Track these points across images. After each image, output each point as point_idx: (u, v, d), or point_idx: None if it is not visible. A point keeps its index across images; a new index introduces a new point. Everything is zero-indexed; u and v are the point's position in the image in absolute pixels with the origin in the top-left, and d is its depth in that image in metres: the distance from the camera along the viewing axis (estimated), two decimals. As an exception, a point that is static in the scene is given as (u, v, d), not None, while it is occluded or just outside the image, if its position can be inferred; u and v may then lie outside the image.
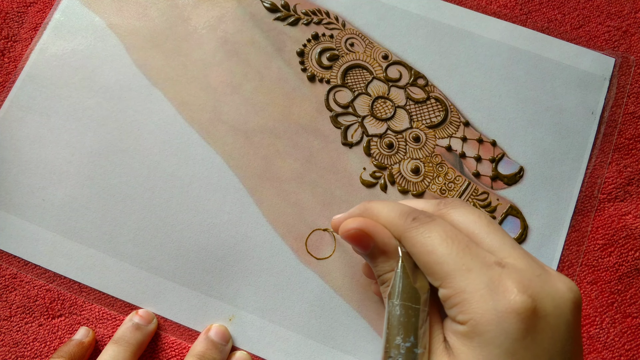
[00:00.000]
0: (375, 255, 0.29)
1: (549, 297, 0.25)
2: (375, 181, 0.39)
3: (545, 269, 0.27)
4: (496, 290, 0.25)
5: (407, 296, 0.27)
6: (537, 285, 0.25)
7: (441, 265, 0.26)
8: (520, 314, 0.24)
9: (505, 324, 0.24)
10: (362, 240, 0.29)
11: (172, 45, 0.41)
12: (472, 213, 0.29)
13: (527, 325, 0.24)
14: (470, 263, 0.26)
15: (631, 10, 0.42)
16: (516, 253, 0.27)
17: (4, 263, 0.38)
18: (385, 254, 0.29)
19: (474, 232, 0.28)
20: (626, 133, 0.40)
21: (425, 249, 0.27)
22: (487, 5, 0.42)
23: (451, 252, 0.26)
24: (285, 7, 0.42)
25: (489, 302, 0.25)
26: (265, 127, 0.40)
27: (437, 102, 0.40)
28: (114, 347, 0.35)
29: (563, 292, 0.26)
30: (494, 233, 0.28)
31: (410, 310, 0.27)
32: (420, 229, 0.28)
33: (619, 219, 0.39)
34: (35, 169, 0.39)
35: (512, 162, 0.39)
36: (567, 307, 0.25)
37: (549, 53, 0.41)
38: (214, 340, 0.36)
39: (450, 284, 0.26)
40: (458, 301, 0.26)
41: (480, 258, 0.26)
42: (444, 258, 0.26)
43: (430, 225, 0.28)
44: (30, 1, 0.43)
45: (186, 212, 0.39)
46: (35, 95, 0.41)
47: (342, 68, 0.41)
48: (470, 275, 0.26)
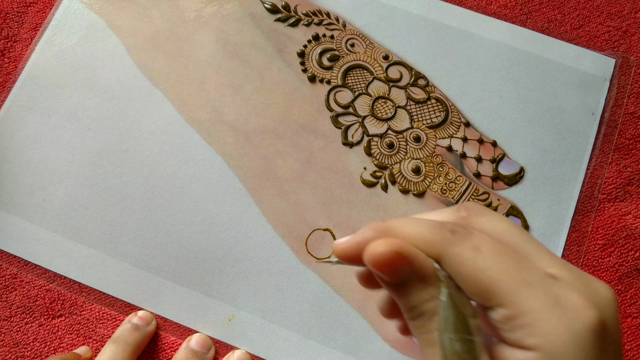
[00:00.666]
0: (410, 284, 0.24)
1: (607, 307, 0.23)
2: (375, 181, 0.39)
3: (586, 276, 0.25)
4: (565, 307, 0.22)
5: (462, 327, 0.23)
6: (593, 296, 0.23)
7: (498, 282, 0.23)
8: (593, 330, 0.22)
9: (583, 344, 0.22)
10: (397, 267, 0.24)
11: (173, 46, 0.42)
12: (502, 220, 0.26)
13: (601, 341, 0.22)
14: (529, 277, 0.23)
15: (631, 10, 0.42)
16: (555, 262, 0.24)
17: (4, 263, 0.38)
18: (424, 280, 0.24)
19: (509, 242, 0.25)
20: (626, 133, 0.40)
21: (476, 267, 0.23)
22: (487, 5, 0.42)
23: (507, 267, 0.23)
24: (285, 8, 0.42)
25: (561, 321, 0.22)
26: (266, 128, 0.40)
27: (437, 103, 0.40)
28: (112, 347, 0.35)
29: (609, 298, 0.24)
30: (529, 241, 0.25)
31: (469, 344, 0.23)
32: (465, 244, 0.24)
33: (619, 219, 0.39)
34: (35, 169, 0.39)
35: (512, 163, 0.39)
36: (617, 314, 0.24)
37: (549, 54, 0.41)
38: (194, 348, 0.36)
39: (511, 304, 0.23)
40: (524, 322, 0.23)
41: (536, 271, 0.23)
42: (502, 275, 0.23)
43: (474, 239, 0.24)
44: (30, 1, 0.43)
45: (186, 212, 0.39)
46: (36, 96, 0.41)
47: (342, 68, 0.41)
48: (532, 292, 0.23)
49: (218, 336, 0.37)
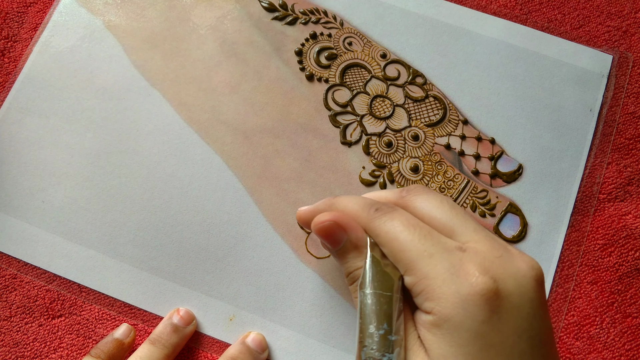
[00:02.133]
0: (346, 251, 0.29)
1: (511, 277, 0.25)
2: (374, 180, 0.39)
3: (508, 249, 0.27)
4: (458, 274, 0.25)
5: (378, 284, 0.27)
6: (498, 266, 0.26)
7: (404, 252, 0.27)
8: (483, 295, 0.24)
9: (470, 307, 0.24)
10: (335, 234, 0.29)
11: (170, 46, 0.42)
12: (435, 199, 0.29)
13: (491, 306, 0.24)
14: (431, 249, 0.26)
15: (631, 10, 0.42)
16: (478, 236, 0.27)
17: (4, 264, 0.38)
18: (358, 249, 0.29)
19: (436, 217, 0.28)
20: (626, 133, 0.40)
21: (388, 237, 0.27)
22: (487, 5, 0.42)
23: (413, 239, 0.27)
24: (283, 6, 0.42)
25: (451, 286, 0.25)
26: (264, 127, 0.40)
27: (435, 101, 0.40)
28: (149, 347, 0.35)
29: (525, 271, 0.26)
30: (456, 217, 0.28)
31: (382, 298, 0.26)
32: (382, 219, 0.28)
33: (619, 219, 0.39)
34: (34, 170, 0.40)
35: (511, 160, 0.39)
36: (530, 285, 0.26)
37: (547, 51, 0.41)
38: (249, 346, 0.36)
39: (413, 271, 0.26)
40: (422, 288, 0.26)
41: (442, 244, 0.27)
42: (407, 245, 0.27)
43: (393, 214, 0.28)
44: (30, 1, 0.43)
45: (186, 212, 0.39)
46: (34, 97, 0.41)
47: (340, 67, 0.41)
48: (432, 261, 0.26)
49: (219, 336, 0.37)
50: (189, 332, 0.36)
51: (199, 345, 0.37)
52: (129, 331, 0.37)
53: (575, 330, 0.37)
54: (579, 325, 0.37)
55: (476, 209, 0.38)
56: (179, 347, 0.36)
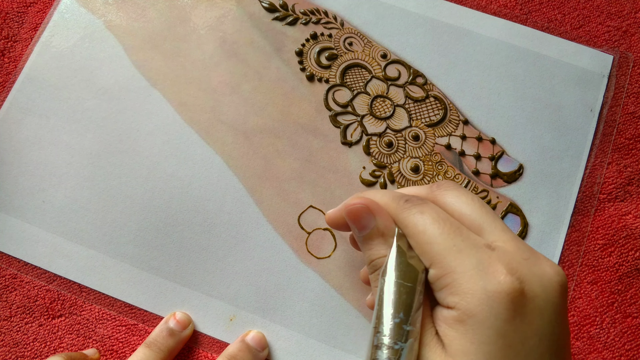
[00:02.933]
0: (372, 237, 0.29)
1: (537, 279, 0.25)
2: (375, 180, 0.39)
3: (534, 253, 0.27)
4: (486, 272, 0.25)
5: (400, 274, 0.27)
6: (525, 268, 0.25)
7: (432, 245, 0.26)
8: (509, 294, 0.24)
9: (495, 305, 0.24)
10: (364, 218, 0.29)
11: (170, 46, 0.42)
12: (465, 195, 0.29)
13: (516, 307, 0.24)
14: (460, 244, 0.26)
15: (631, 10, 0.42)
16: (506, 236, 0.27)
17: (4, 264, 0.38)
18: (384, 237, 0.28)
19: (466, 214, 0.28)
20: (626, 133, 0.40)
21: (417, 229, 0.27)
22: (487, 5, 0.42)
23: (442, 232, 0.26)
24: (283, 6, 0.42)
25: (478, 282, 0.25)
26: (265, 127, 0.40)
27: (436, 101, 0.40)
28: (144, 351, 0.35)
29: (550, 276, 0.26)
30: (486, 215, 0.28)
31: (402, 288, 0.26)
32: (412, 210, 0.28)
33: (619, 219, 0.39)
34: (35, 170, 0.40)
35: (511, 160, 0.39)
36: (555, 290, 0.26)
37: (547, 51, 0.41)
38: (249, 344, 0.36)
39: (440, 264, 0.26)
40: (448, 282, 0.26)
41: (471, 240, 0.26)
42: (435, 238, 0.26)
43: (423, 207, 0.28)
44: (30, 1, 0.43)
45: (186, 212, 0.39)
46: (35, 97, 0.41)
47: (340, 67, 0.41)
48: (460, 256, 0.26)
49: (219, 336, 0.37)
50: (185, 335, 0.37)
51: (199, 345, 0.37)
52: (95, 352, 0.37)
53: (575, 330, 0.37)
54: (579, 325, 0.37)
55: (476, 209, 0.38)
56: (175, 350, 0.36)
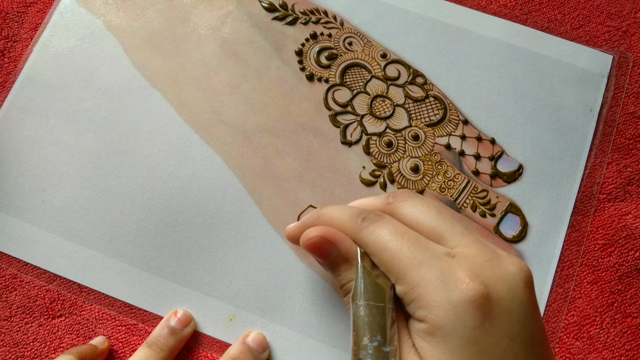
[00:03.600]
0: (337, 264, 0.29)
1: (501, 280, 0.25)
2: (374, 180, 0.39)
3: (496, 252, 0.27)
4: (448, 281, 0.25)
5: (370, 295, 0.27)
6: (487, 271, 0.25)
7: (394, 261, 0.26)
8: (474, 301, 0.24)
9: (462, 313, 0.24)
10: (325, 249, 0.29)
11: (170, 46, 0.42)
12: (421, 204, 0.29)
13: (482, 312, 0.24)
14: (420, 256, 0.26)
15: (631, 10, 0.42)
16: (466, 240, 0.27)
17: (4, 264, 0.38)
18: (348, 262, 0.28)
19: (424, 223, 0.28)
20: (626, 133, 0.40)
21: (377, 247, 0.27)
22: (487, 5, 0.42)
23: (402, 247, 0.26)
24: (283, 6, 0.42)
25: (442, 293, 0.25)
26: (265, 127, 0.40)
27: (436, 101, 0.40)
28: (146, 350, 0.35)
29: (514, 274, 0.26)
30: (443, 222, 0.28)
31: (374, 309, 0.26)
32: (370, 228, 0.28)
33: (619, 219, 0.39)
34: (34, 170, 0.40)
35: (511, 160, 0.39)
36: (519, 288, 0.26)
37: (547, 51, 0.41)
38: (250, 346, 0.36)
39: (404, 279, 0.26)
40: (414, 296, 0.26)
41: (430, 250, 0.26)
42: (396, 254, 0.26)
43: (380, 223, 0.28)
44: (30, 1, 0.43)
45: (186, 212, 0.39)
46: (34, 97, 0.41)
47: (340, 67, 0.41)
48: (421, 269, 0.26)
49: (219, 336, 0.37)
50: (186, 334, 0.36)
51: (199, 345, 0.37)
52: (103, 340, 0.37)
53: (575, 330, 0.37)
54: (579, 325, 0.37)
55: (476, 209, 0.38)
56: (177, 349, 0.36)
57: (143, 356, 0.35)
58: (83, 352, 0.35)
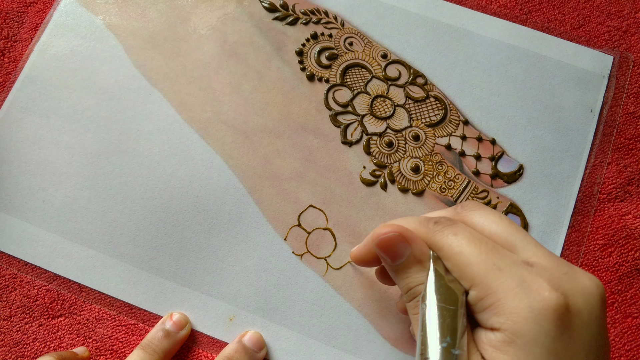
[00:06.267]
0: (408, 266, 0.27)
1: (579, 293, 0.25)
2: (375, 180, 0.39)
3: (571, 267, 0.26)
4: (529, 289, 0.24)
5: (441, 297, 0.26)
6: (566, 283, 0.25)
7: (471, 266, 0.26)
8: (555, 310, 0.24)
9: (543, 322, 0.24)
10: (398, 247, 0.27)
11: (171, 46, 0.42)
12: (492, 214, 0.28)
13: (563, 322, 0.24)
14: (500, 263, 0.25)
15: (631, 10, 0.42)
16: (540, 252, 0.27)
17: (4, 264, 0.38)
18: (421, 263, 0.27)
19: (497, 233, 0.27)
20: (626, 133, 0.40)
21: (453, 251, 0.26)
22: (487, 5, 0.42)
23: (480, 252, 0.26)
24: (283, 6, 0.42)
25: (523, 300, 0.24)
26: (265, 127, 0.40)
27: (436, 101, 0.40)
28: (139, 353, 0.35)
29: (591, 289, 0.25)
30: (517, 233, 0.27)
31: (445, 311, 0.25)
32: (445, 232, 0.27)
33: (619, 219, 0.39)
34: (35, 170, 0.39)
35: (511, 160, 0.39)
36: (596, 303, 0.25)
37: (547, 51, 0.41)
38: (245, 345, 0.36)
39: (481, 285, 0.25)
40: (491, 302, 0.25)
41: (509, 258, 0.26)
42: (474, 259, 0.26)
43: (455, 228, 0.27)
44: (30, 1, 0.43)
45: (186, 212, 0.39)
46: (35, 97, 0.41)
47: (341, 67, 0.41)
48: (501, 275, 0.25)
49: (219, 336, 0.37)
50: (181, 336, 0.36)
51: (199, 345, 0.37)
52: (84, 350, 0.37)
53: (576, 331, 0.37)
54: (579, 326, 0.37)
55: (476, 209, 0.38)
56: (171, 352, 0.36)
57: (137, 359, 0.35)
58: (63, 356, 0.35)
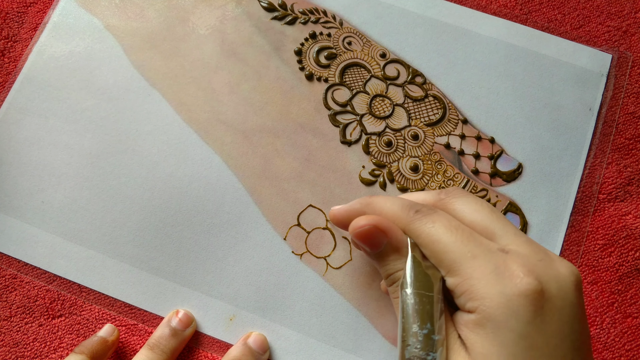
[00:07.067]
0: (386, 254, 0.29)
1: (553, 279, 0.26)
2: (374, 179, 0.39)
3: (547, 254, 0.27)
4: (502, 275, 0.25)
5: (420, 284, 0.27)
6: (541, 269, 0.26)
7: (447, 253, 0.27)
8: (528, 296, 0.25)
9: (515, 307, 0.24)
10: (375, 238, 0.29)
11: (170, 46, 0.42)
12: (474, 202, 0.29)
13: (535, 307, 0.25)
14: (475, 250, 0.26)
15: (631, 10, 0.42)
16: (518, 240, 0.27)
17: (4, 264, 0.38)
18: (398, 252, 0.28)
19: (477, 220, 0.28)
20: (626, 133, 0.40)
21: (430, 239, 0.27)
22: (487, 5, 0.42)
23: (456, 240, 0.27)
24: (282, 6, 0.42)
25: (496, 286, 0.25)
26: (264, 127, 0.40)
27: (435, 100, 0.40)
28: (147, 352, 0.35)
29: (565, 275, 0.26)
30: (497, 221, 0.28)
31: (424, 298, 0.27)
32: (423, 220, 0.28)
33: (619, 219, 0.39)
34: (34, 171, 0.40)
35: (510, 159, 0.39)
36: (570, 289, 0.26)
37: (546, 50, 0.41)
38: (251, 347, 0.36)
39: (457, 272, 0.26)
40: (466, 288, 0.26)
41: (484, 245, 0.27)
42: (450, 246, 0.27)
43: (434, 216, 0.28)
44: (30, 1, 0.43)
45: (186, 212, 0.39)
46: (34, 97, 0.41)
47: (340, 66, 0.41)
48: (476, 262, 0.26)
49: (219, 336, 0.37)
50: (187, 334, 0.36)
51: (200, 345, 0.37)
52: (112, 330, 0.37)
53: (575, 330, 0.37)
54: (579, 325, 0.37)
55: (476, 209, 0.38)
56: (178, 350, 0.36)
57: (144, 359, 0.35)
58: (94, 348, 0.35)
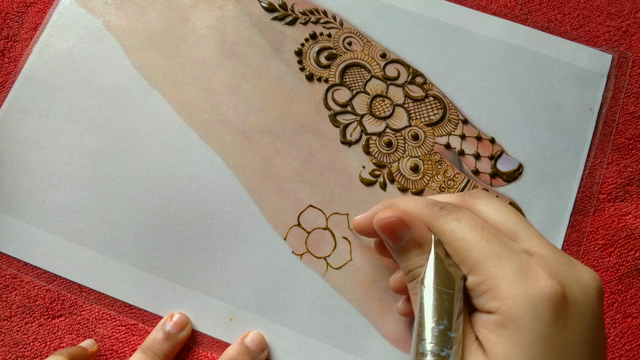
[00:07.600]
0: (408, 249, 0.29)
1: (576, 284, 0.25)
2: (374, 179, 0.39)
3: (570, 259, 0.27)
4: (526, 276, 0.25)
5: (440, 281, 0.27)
6: (564, 273, 0.26)
7: (471, 251, 0.26)
8: (551, 298, 0.24)
9: (538, 309, 0.24)
10: (398, 231, 0.29)
11: (170, 46, 0.42)
12: (498, 203, 0.29)
13: (558, 311, 0.24)
14: (499, 250, 0.26)
15: (631, 10, 0.42)
16: (542, 242, 0.27)
17: (4, 264, 0.38)
18: (421, 247, 0.28)
19: (500, 222, 0.28)
20: (626, 133, 0.40)
21: (454, 236, 0.27)
22: (487, 5, 0.42)
23: (481, 239, 0.26)
24: (282, 6, 0.42)
25: (519, 287, 0.25)
26: (264, 127, 0.40)
27: (435, 100, 0.40)
28: (140, 356, 0.35)
29: (588, 281, 0.26)
30: (520, 223, 0.28)
31: (444, 295, 0.26)
32: (448, 217, 0.28)
33: (619, 219, 0.39)
34: (34, 171, 0.40)
35: (511, 159, 0.39)
36: (593, 295, 0.26)
37: (546, 50, 0.41)
38: (248, 346, 0.36)
39: (480, 271, 0.26)
40: (488, 287, 0.26)
41: (509, 246, 0.26)
42: (474, 245, 0.26)
43: (459, 214, 0.28)
44: (30, 1, 0.43)
45: (186, 212, 0.39)
46: (34, 97, 0.41)
47: (340, 67, 0.41)
48: (500, 262, 0.26)
49: (219, 336, 0.37)
50: (182, 337, 0.36)
51: (199, 345, 0.37)
52: (93, 343, 0.37)
53: (576, 330, 0.37)
54: (579, 325, 0.37)
55: (476, 209, 0.38)
56: (172, 354, 0.36)
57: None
58: (73, 353, 0.35)
